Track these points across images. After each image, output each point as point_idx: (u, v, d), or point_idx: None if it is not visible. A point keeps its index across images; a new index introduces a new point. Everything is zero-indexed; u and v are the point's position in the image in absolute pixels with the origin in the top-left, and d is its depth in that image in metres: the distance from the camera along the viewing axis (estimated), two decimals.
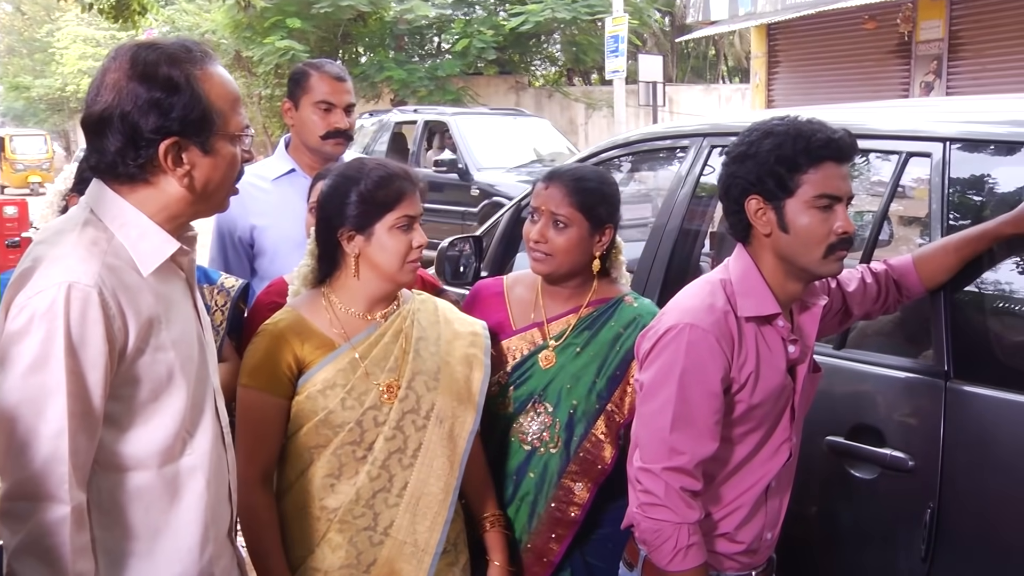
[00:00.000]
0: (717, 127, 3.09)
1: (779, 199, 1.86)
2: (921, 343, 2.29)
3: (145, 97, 1.49)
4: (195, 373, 1.61)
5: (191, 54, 1.55)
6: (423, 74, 17.52)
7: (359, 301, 2.12)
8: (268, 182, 3.05)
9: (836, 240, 1.85)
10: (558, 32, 19.91)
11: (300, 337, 2.07)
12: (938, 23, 11.44)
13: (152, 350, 1.53)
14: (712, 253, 3.41)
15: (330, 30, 18.21)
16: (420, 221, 2.10)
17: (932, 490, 2.03)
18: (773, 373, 1.93)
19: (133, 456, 1.54)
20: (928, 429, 2.06)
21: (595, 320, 2.29)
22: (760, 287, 1.92)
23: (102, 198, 1.56)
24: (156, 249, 1.56)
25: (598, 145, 3.61)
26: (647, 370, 1.92)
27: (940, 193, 2.17)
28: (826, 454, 2.24)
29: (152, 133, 1.50)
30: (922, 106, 3.03)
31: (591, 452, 2.22)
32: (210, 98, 1.54)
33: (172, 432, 1.57)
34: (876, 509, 2.17)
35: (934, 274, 2.11)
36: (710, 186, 3.12)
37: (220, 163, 1.59)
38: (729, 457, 1.95)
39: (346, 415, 2.03)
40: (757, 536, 2.00)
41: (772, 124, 1.90)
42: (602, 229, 2.26)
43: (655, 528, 1.86)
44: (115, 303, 1.47)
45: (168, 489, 1.58)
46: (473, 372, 2.17)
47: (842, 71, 13.14)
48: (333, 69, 3.03)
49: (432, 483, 2.07)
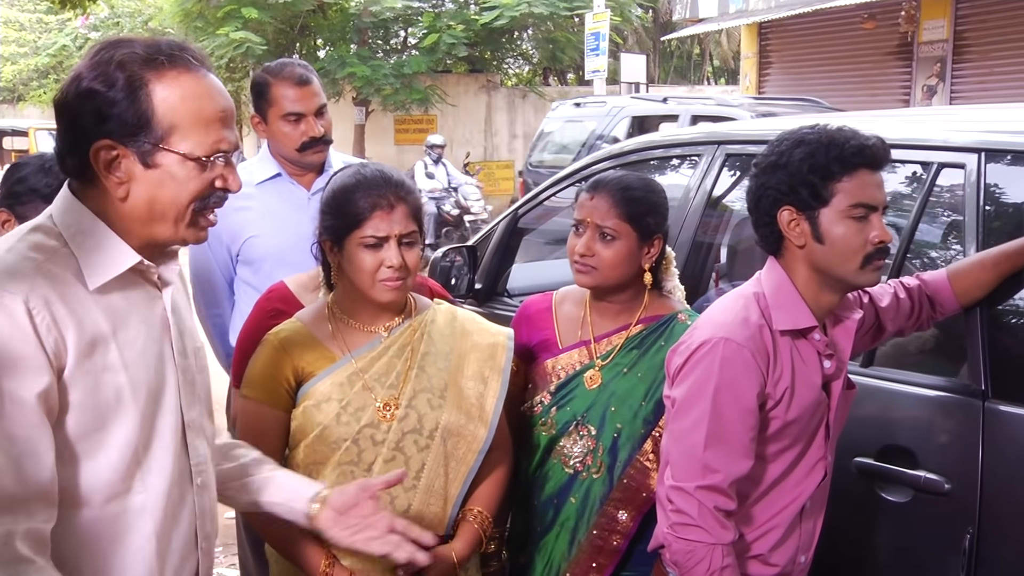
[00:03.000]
0: (732, 135, 3.18)
1: (813, 209, 1.94)
2: (956, 361, 2.38)
3: (86, 93, 1.49)
4: (153, 400, 1.57)
5: (155, 57, 1.51)
6: (388, 71, 17.50)
7: (359, 313, 2.17)
8: (252, 187, 3.04)
9: (873, 250, 1.93)
10: (533, 28, 20.02)
11: (301, 348, 2.12)
12: (942, 23, 11.58)
13: (98, 371, 1.48)
14: (724, 266, 3.48)
15: (288, 21, 18.17)
16: (403, 239, 2.08)
17: (970, 515, 2.11)
18: (808, 389, 2.00)
19: (74, 491, 1.49)
20: (965, 451, 2.14)
21: (644, 339, 2.33)
22: (795, 300, 2.00)
23: (64, 205, 1.56)
24: (111, 261, 1.53)
25: (602, 152, 3.67)
26: (680, 386, 1.99)
27: (975, 205, 2.26)
28: (856, 476, 2.31)
29: (86, 132, 1.49)
30: (953, 115, 3.13)
31: (635, 479, 2.26)
32: (155, 106, 1.50)
33: (120, 465, 1.52)
34: (910, 534, 2.25)
35: (970, 290, 2.20)
36: (723, 196, 3.20)
37: (167, 181, 1.52)
38: (763, 476, 2.02)
39: (341, 431, 2.07)
40: (791, 559, 2.07)
41: (803, 132, 1.97)
42: (651, 240, 2.31)
43: (688, 549, 1.92)
44: (48, 314, 1.43)
45: (111, 528, 1.53)
46: (488, 388, 2.20)
47: (838, 73, 13.30)
48: (294, 73, 2.99)
49: (433, 504, 2.12)
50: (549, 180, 3.75)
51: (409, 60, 18.15)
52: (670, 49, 27.84)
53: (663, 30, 24.40)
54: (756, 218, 2.04)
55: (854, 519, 2.34)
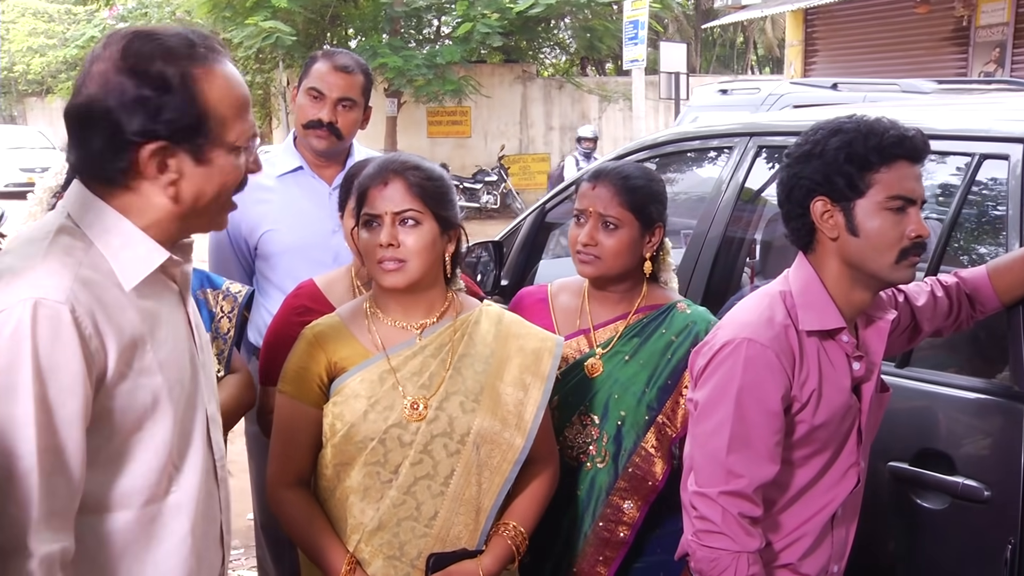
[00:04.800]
0: (764, 126, 3.15)
1: (848, 200, 1.91)
2: (996, 362, 2.34)
3: (132, 94, 1.45)
4: (185, 399, 1.58)
5: (194, 49, 1.51)
6: (420, 61, 17.54)
7: (388, 306, 2.16)
8: (273, 179, 3.09)
9: (909, 244, 1.91)
10: (570, 16, 19.99)
11: (336, 343, 2.13)
12: (1002, 6, 11.39)
13: (135, 374, 1.49)
14: (757, 263, 3.46)
15: (318, 11, 18.29)
16: (402, 218, 2.05)
17: (1012, 523, 2.07)
18: (837, 392, 1.98)
19: (113, 496, 1.50)
20: (1006, 456, 2.10)
21: (645, 327, 2.37)
22: (823, 299, 1.97)
23: (81, 201, 1.53)
24: (141, 260, 1.52)
25: (631, 144, 3.66)
26: (702, 388, 1.98)
27: (1019, 198, 2.23)
28: (889, 481, 2.29)
29: (136, 135, 1.46)
30: (995, 103, 3.08)
31: (641, 467, 2.29)
32: (209, 102, 1.50)
33: (158, 466, 1.53)
34: (947, 543, 2.22)
35: (1011, 287, 2.17)
36: (756, 190, 3.17)
37: (215, 175, 1.54)
38: (790, 482, 2.00)
39: (368, 429, 2.05)
40: (823, 569, 2.05)
41: (839, 122, 1.95)
42: (652, 229, 2.36)
43: (712, 557, 1.91)
44: (91, 321, 1.42)
45: (147, 531, 1.54)
46: (528, 395, 2.14)
47: (889, 61, 13.14)
48: (340, 60, 3.05)
49: (463, 514, 2.09)
50: (578, 175, 3.73)
51: (442, 50, 18.16)
52: (712, 38, 27.69)
53: (705, 17, 24.28)
54: (788, 210, 2.02)
55: (888, 527, 2.32)
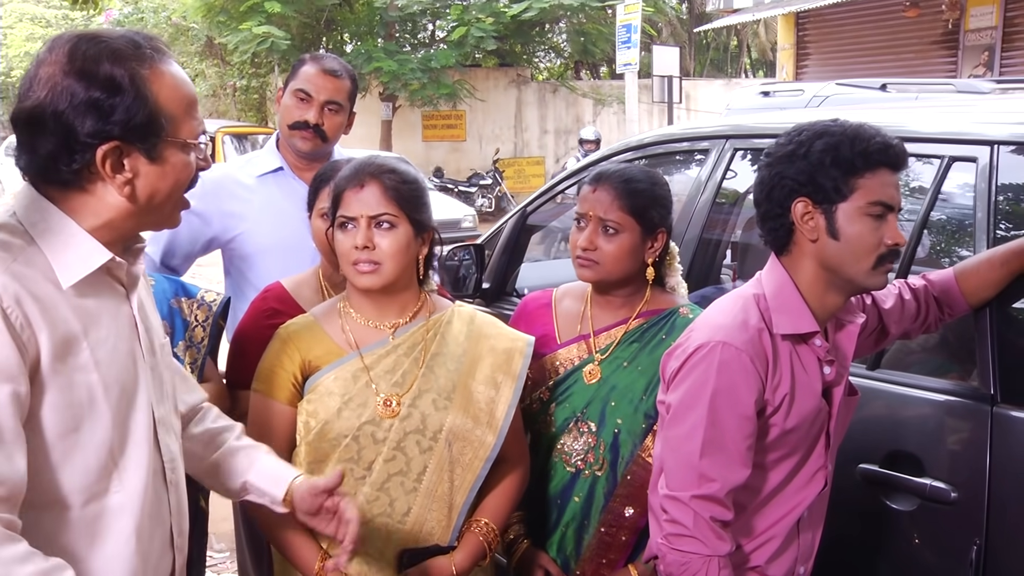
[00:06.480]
0: (740, 128, 3.15)
1: (831, 202, 1.90)
2: (964, 364, 2.34)
3: (83, 96, 1.46)
4: (125, 399, 1.59)
5: (139, 50, 1.52)
6: (415, 65, 17.55)
7: (361, 306, 2.17)
8: (252, 179, 3.07)
9: (886, 251, 1.91)
10: (564, 20, 20.00)
11: (309, 342, 2.15)
12: (991, 9, 11.43)
13: (70, 371, 1.49)
14: (735, 264, 3.46)
15: (313, 16, 18.29)
16: (377, 221, 2.06)
17: (978, 524, 2.07)
18: (808, 396, 1.98)
19: (54, 493, 1.50)
20: (972, 458, 2.11)
21: (644, 332, 2.33)
22: (797, 303, 1.97)
23: (28, 202, 1.54)
24: (82, 260, 1.53)
25: (609, 148, 3.66)
26: (675, 391, 1.97)
27: (987, 201, 2.22)
28: (859, 483, 2.28)
29: (89, 137, 1.47)
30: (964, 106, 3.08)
31: (639, 475, 2.26)
32: (159, 101, 1.52)
33: (97, 465, 1.54)
34: (915, 544, 2.21)
35: (978, 289, 2.16)
36: (732, 192, 3.17)
37: (169, 173, 1.57)
38: (761, 485, 2.00)
39: (342, 426, 2.08)
40: (789, 570, 2.05)
41: (824, 125, 1.94)
42: (654, 234, 2.31)
43: (682, 561, 1.90)
44: (20, 312, 1.43)
45: (90, 529, 1.54)
46: (500, 394, 2.18)
47: (879, 64, 13.20)
48: (328, 63, 3.05)
49: (436, 510, 2.12)
50: (558, 176, 3.73)
51: (437, 54, 18.18)
52: (706, 41, 27.69)
53: (698, 21, 24.30)
54: (766, 210, 2.00)
55: (858, 528, 2.31)
